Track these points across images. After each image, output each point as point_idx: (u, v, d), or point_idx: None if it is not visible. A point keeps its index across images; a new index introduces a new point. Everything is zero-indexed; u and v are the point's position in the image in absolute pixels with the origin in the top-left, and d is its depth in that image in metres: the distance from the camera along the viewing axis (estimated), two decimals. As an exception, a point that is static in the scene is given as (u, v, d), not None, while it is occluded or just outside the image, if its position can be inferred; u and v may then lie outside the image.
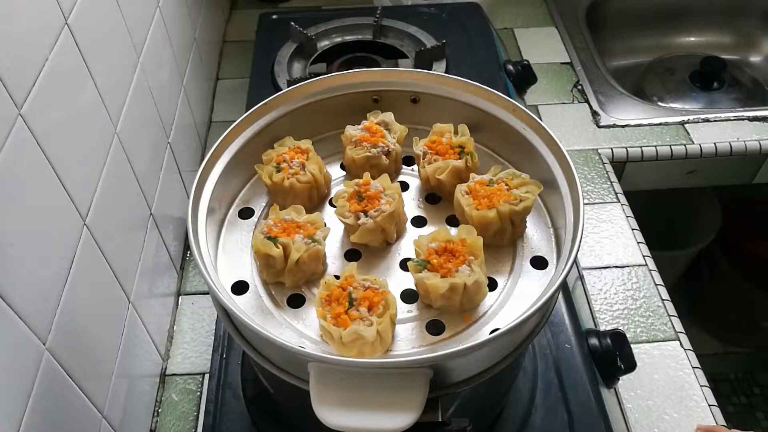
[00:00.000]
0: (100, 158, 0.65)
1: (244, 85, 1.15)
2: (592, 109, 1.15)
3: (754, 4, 1.48)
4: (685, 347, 0.83)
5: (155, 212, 0.81)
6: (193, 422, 0.77)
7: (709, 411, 0.77)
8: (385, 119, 0.68)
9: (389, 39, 1.17)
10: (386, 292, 0.52)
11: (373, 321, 0.50)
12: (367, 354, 0.51)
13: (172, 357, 0.83)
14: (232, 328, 0.53)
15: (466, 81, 0.66)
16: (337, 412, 0.45)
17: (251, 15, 1.32)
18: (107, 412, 0.63)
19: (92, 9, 0.65)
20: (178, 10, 0.99)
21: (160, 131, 0.86)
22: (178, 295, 0.90)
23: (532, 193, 0.59)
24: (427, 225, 0.63)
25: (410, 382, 0.46)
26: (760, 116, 1.12)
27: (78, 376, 0.57)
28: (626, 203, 1.01)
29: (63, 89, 0.58)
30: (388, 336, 0.52)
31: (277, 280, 0.57)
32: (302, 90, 0.68)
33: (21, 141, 0.50)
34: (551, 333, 0.78)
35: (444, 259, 0.54)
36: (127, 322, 0.70)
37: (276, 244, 0.55)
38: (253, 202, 0.66)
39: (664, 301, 0.88)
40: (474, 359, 0.50)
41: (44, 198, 0.54)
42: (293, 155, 0.64)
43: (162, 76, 0.88)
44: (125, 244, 0.71)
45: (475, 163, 0.64)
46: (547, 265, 0.58)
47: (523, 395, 0.72)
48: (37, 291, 0.51)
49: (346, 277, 0.53)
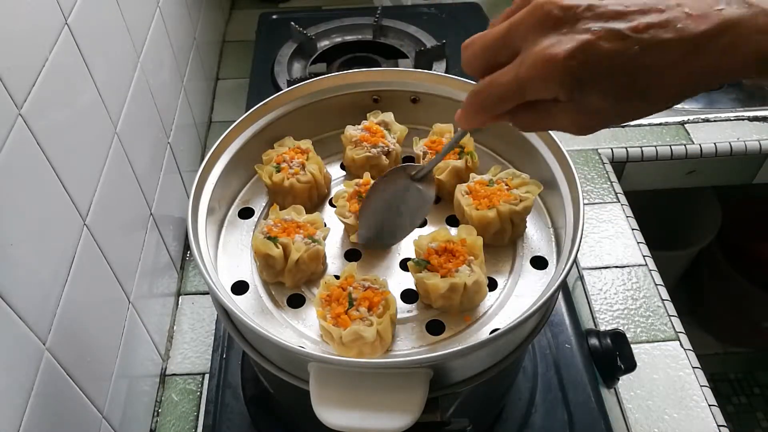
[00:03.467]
0: (100, 158, 0.65)
1: (244, 85, 1.15)
2: (592, 109, 1.15)
3: (754, 4, 1.48)
4: (685, 347, 0.83)
5: (155, 212, 0.81)
6: (193, 422, 0.77)
7: (709, 411, 0.77)
8: (385, 119, 0.68)
9: (389, 39, 1.17)
10: (386, 292, 0.52)
11: (373, 321, 0.50)
12: (367, 354, 0.51)
13: (172, 357, 0.83)
14: (232, 328, 0.53)
15: (466, 81, 0.66)
16: (337, 412, 0.45)
17: (251, 15, 1.32)
18: (107, 412, 0.63)
19: (92, 9, 0.65)
20: (178, 10, 0.99)
21: (160, 131, 0.86)
22: (178, 295, 0.90)
23: (532, 193, 0.59)
24: (427, 225, 0.63)
25: (410, 382, 0.46)
26: (760, 116, 1.12)
27: (78, 376, 0.57)
28: (626, 203, 1.01)
29: (63, 89, 0.58)
30: (388, 336, 0.52)
31: (277, 280, 0.57)
32: (302, 90, 0.68)
33: (21, 141, 0.50)
34: (551, 333, 0.78)
35: (444, 259, 0.54)
36: (127, 322, 0.70)
37: (276, 244, 0.55)
38: (253, 202, 0.66)
39: (664, 301, 0.88)
40: (474, 359, 0.50)
41: (44, 198, 0.54)
42: (293, 155, 0.64)
43: (162, 76, 0.88)
44: (125, 244, 0.71)
45: (475, 163, 0.64)
46: (547, 265, 0.58)
47: (523, 395, 0.72)
48: (37, 291, 0.51)
49: (346, 277, 0.53)
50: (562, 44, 0.35)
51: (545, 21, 0.36)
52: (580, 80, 0.35)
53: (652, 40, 0.34)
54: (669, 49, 0.34)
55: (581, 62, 0.34)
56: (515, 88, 0.37)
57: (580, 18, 0.35)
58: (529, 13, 0.36)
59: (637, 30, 0.34)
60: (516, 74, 0.37)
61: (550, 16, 0.35)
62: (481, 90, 0.40)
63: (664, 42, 0.34)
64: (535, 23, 0.36)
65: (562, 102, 0.37)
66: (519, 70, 0.37)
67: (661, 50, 0.34)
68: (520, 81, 0.37)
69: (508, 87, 0.38)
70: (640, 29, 0.34)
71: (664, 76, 0.35)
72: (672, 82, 0.35)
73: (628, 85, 0.35)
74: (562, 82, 0.35)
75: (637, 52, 0.34)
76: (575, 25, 0.35)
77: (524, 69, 0.36)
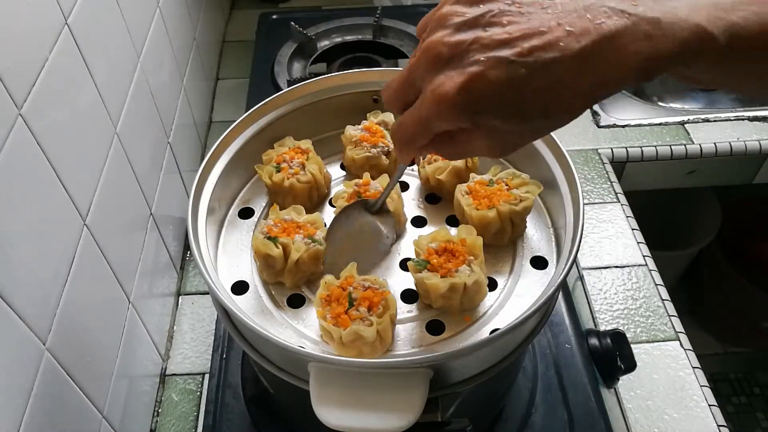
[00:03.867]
0: (100, 158, 0.65)
1: (244, 85, 1.15)
2: (592, 108, 1.15)
3: (754, 4, 1.48)
4: (685, 347, 0.83)
5: (155, 212, 0.81)
6: (193, 422, 0.77)
7: (709, 411, 0.77)
8: (385, 119, 0.68)
9: (389, 39, 1.17)
10: (386, 292, 0.52)
11: (373, 321, 0.50)
12: (367, 354, 0.51)
13: (172, 357, 0.83)
14: (232, 328, 0.53)
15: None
16: (337, 412, 0.45)
17: (251, 15, 1.32)
18: (107, 412, 0.63)
19: (92, 9, 0.65)
20: (178, 10, 0.99)
21: (160, 131, 0.86)
22: (178, 295, 0.90)
23: (532, 193, 0.59)
24: (427, 225, 0.63)
25: (410, 382, 0.46)
26: (760, 116, 1.12)
27: (78, 376, 0.57)
28: (626, 203, 1.01)
29: (63, 89, 0.58)
30: (388, 336, 0.52)
31: (277, 280, 0.57)
32: (302, 90, 0.68)
33: (21, 141, 0.50)
34: (551, 333, 0.78)
35: (444, 259, 0.54)
36: (127, 322, 0.70)
37: (276, 244, 0.55)
38: (253, 202, 0.66)
39: (664, 301, 0.88)
40: (474, 359, 0.50)
41: (44, 198, 0.54)
42: (293, 155, 0.64)
43: (162, 75, 0.88)
44: (125, 244, 0.71)
45: (475, 163, 0.64)
46: (547, 265, 0.58)
47: (523, 395, 0.72)
48: (37, 291, 0.51)
49: (346, 277, 0.53)
50: (453, 79, 0.36)
51: (437, 60, 0.37)
52: (476, 110, 0.36)
53: (537, 63, 0.35)
54: (554, 68, 0.35)
55: (472, 94, 0.36)
56: (421, 125, 0.39)
57: (467, 51, 0.36)
58: (423, 54, 0.38)
59: (522, 54, 0.35)
60: (418, 114, 0.39)
61: (441, 54, 0.37)
62: (396, 130, 0.42)
63: (548, 62, 0.35)
64: (428, 63, 0.38)
65: (471, 130, 0.39)
66: (420, 110, 0.39)
67: (547, 71, 0.35)
68: (422, 119, 0.39)
69: (415, 126, 0.40)
70: (525, 53, 0.35)
71: (556, 94, 0.36)
72: (565, 98, 0.36)
73: (524, 108, 0.36)
74: (459, 115, 0.37)
75: (524, 75, 0.35)
76: (463, 59, 0.36)
77: (424, 108, 0.38)
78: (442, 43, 0.37)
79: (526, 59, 0.35)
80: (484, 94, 0.36)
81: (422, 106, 0.38)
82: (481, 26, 0.37)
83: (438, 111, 0.37)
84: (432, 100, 0.37)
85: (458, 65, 0.36)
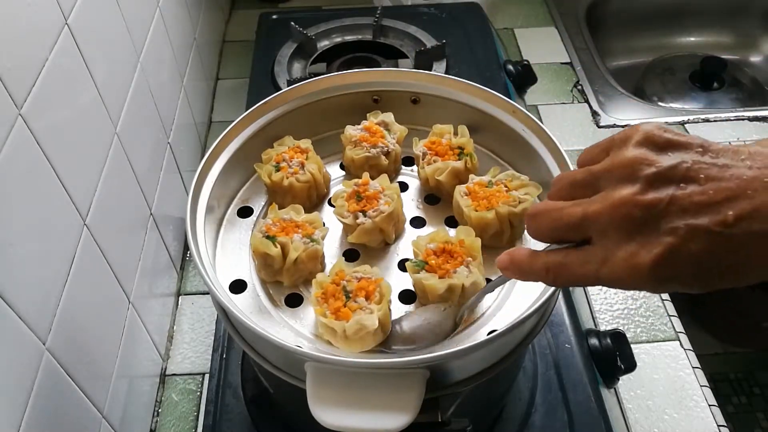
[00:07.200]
0: (100, 158, 0.65)
1: (244, 85, 1.15)
2: (592, 109, 1.15)
3: (754, 4, 1.48)
4: (685, 347, 0.83)
5: (155, 212, 0.81)
6: (193, 422, 0.77)
7: (709, 411, 0.77)
8: (385, 119, 0.68)
9: (389, 39, 1.17)
10: (379, 279, 0.52)
11: (374, 309, 0.50)
12: (370, 343, 0.51)
13: (172, 357, 0.83)
14: (230, 327, 0.53)
15: (465, 82, 0.66)
16: (334, 411, 0.45)
17: (251, 15, 1.32)
18: (107, 412, 0.64)
19: (92, 9, 0.65)
20: (178, 10, 0.99)
21: (160, 131, 0.86)
22: (178, 295, 0.90)
23: (531, 194, 0.59)
24: (426, 226, 0.63)
25: (407, 382, 0.46)
26: (760, 116, 1.12)
27: (78, 376, 0.57)
28: (626, 203, 1.00)
29: (63, 89, 0.58)
30: (387, 323, 0.52)
31: (276, 279, 0.57)
32: (302, 90, 0.68)
33: (21, 141, 0.50)
34: (551, 333, 0.78)
35: (442, 259, 0.54)
36: (127, 322, 0.70)
37: (274, 243, 0.55)
38: (252, 201, 0.66)
39: (664, 301, 0.88)
40: (472, 360, 0.50)
41: (44, 198, 0.54)
42: (293, 154, 0.64)
43: (162, 75, 0.88)
44: (125, 244, 0.71)
45: (474, 165, 0.64)
46: (546, 266, 0.58)
47: (523, 395, 0.72)
48: (37, 291, 0.51)
49: (337, 273, 0.53)
50: (649, 252, 0.32)
51: (628, 222, 0.33)
52: (667, 280, 0.33)
53: (742, 236, 0.31)
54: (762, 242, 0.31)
55: (668, 268, 0.32)
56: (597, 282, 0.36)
57: (663, 215, 0.32)
58: (609, 210, 0.34)
59: (726, 224, 0.31)
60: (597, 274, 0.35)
61: (632, 217, 0.33)
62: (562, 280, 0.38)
63: (756, 235, 0.31)
64: (617, 223, 0.34)
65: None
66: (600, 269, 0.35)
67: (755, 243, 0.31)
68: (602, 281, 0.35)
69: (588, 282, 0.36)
70: (730, 223, 0.31)
71: (753, 267, 0.32)
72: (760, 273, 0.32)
73: (713, 277, 0.33)
74: (647, 286, 0.34)
75: (727, 249, 0.31)
76: (660, 225, 0.32)
77: (606, 271, 0.34)
78: (634, 203, 0.33)
79: (731, 231, 0.31)
80: (680, 268, 0.32)
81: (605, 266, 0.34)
82: (675, 182, 0.33)
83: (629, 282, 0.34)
84: (623, 270, 0.33)
85: (653, 232, 0.32)
